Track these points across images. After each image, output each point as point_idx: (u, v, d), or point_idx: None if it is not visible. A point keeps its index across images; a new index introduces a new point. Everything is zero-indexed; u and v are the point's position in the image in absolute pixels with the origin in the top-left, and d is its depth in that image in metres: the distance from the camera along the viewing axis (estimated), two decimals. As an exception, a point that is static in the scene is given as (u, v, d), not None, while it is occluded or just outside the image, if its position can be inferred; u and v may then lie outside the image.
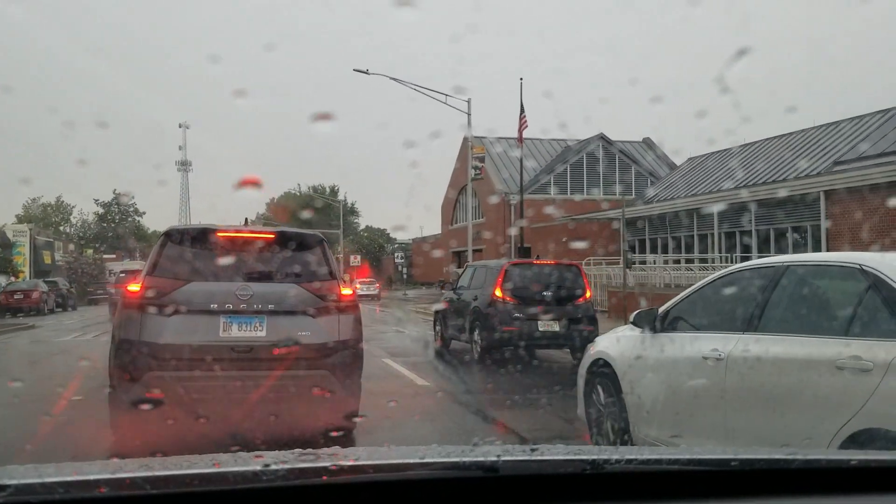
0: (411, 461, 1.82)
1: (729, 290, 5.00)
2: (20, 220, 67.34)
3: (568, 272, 12.93)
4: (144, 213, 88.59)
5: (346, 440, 6.18)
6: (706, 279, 5.37)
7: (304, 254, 6.49)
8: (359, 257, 57.13)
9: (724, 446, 4.25)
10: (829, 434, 3.60)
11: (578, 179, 42.58)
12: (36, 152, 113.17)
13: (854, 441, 3.48)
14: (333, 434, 5.42)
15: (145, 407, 5.67)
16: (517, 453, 1.89)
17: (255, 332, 6.03)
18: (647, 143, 47.23)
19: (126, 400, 5.83)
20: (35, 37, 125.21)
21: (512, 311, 12.12)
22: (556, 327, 12.13)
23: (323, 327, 6.19)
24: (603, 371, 5.77)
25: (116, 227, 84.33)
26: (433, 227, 57.07)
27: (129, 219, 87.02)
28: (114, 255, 66.66)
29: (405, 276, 64.08)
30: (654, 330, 5.32)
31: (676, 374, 4.93)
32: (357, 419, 6.45)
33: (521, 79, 31.42)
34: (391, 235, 70.61)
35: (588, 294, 12.90)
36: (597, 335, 10.25)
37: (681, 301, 5.34)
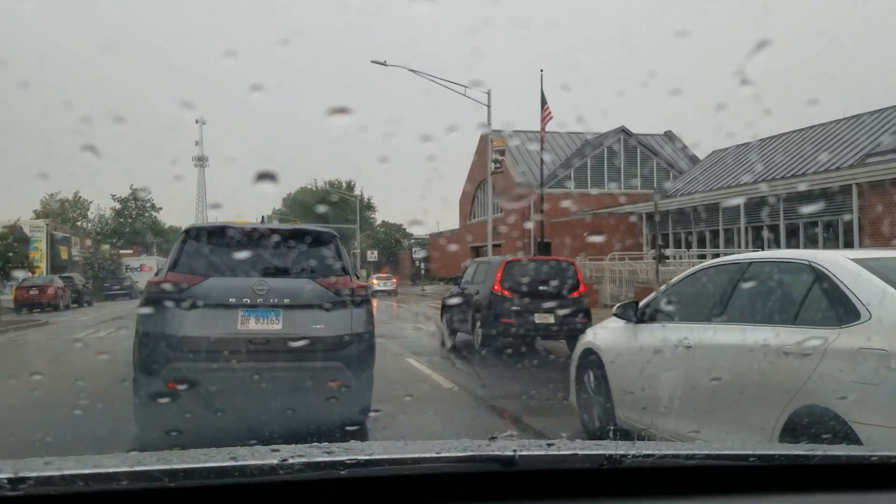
0: (428, 455, 1.80)
1: (699, 285, 5.46)
2: (38, 215, 67.45)
3: (563, 268, 13.66)
4: (161, 208, 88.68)
5: (361, 432, 6.29)
6: (681, 275, 5.82)
7: (319, 250, 6.72)
8: (376, 252, 56.86)
9: (690, 424, 4.80)
10: (776, 412, 4.03)
11: (598, 173, 42.01)
12: (53, 148, 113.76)
13: (796, 419, 3.93)
14: (349, 427, 5.56)
15: (166, 398, 5.84)
16: (534, 447, 1.90)
17: (272, 325, 6.27)
18: (669, 136, 46.56)
19: (148, 390, 6.07)
20: (51, 34, 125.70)
21: (510, 304, 12.82)
22: (551, 319, 12.77)
23: (337, 321, 6.40)
24: (591, 360, 6.27)
25: (133, 222, 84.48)
26: (450, 222, 56.71)
27: (146, 214, 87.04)
28: (130, 251, 66.78)
29: (423, 272, 63.73)
30: (635, 321, 5.79)
31: (653, 361, 5.39)
32: (372, 413, 6.64)
33: (542, 70, 30.77)
34: (407, 231, 70.34)
35: (582, 288, 13.63)
36: (590, 327, 11.26)
37: (659, 294, 5.82)
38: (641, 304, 5.86)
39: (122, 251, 65.43)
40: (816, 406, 3.84)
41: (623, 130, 42.36)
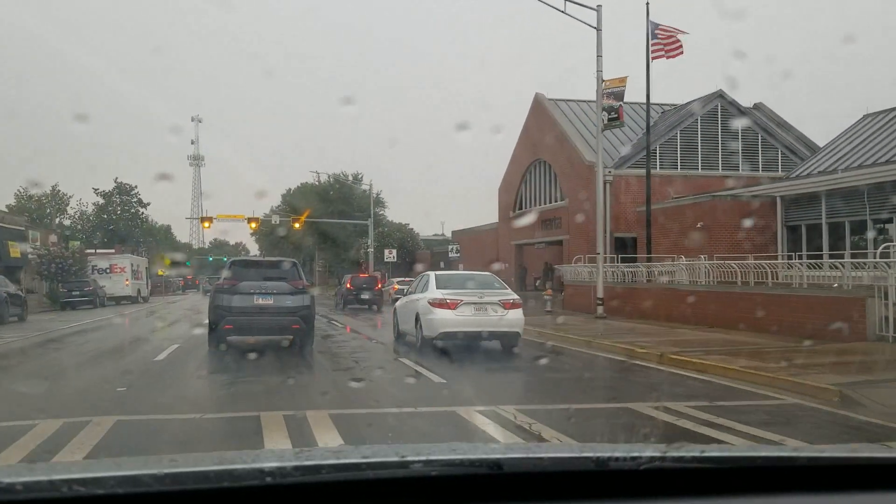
0: (415, 458, 1.79)
1: (417, 280, 17.33)
2: (11, 210, 58.66)
3: (373, 277, 38.72)
4: (149, 203, 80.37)
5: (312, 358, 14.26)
6: (416, 278, 19.39)
7: (288, 268, 16.03)
8: (394, 252, 48.26)
9: (407, 327, 16.85)
10: (413, 318, 15.82)
11: (690, 150, 32.96)
12: (40, 145, 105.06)
13: (417, 320, 15.70)
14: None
15: (224, 331, 15.10)
16: (522, 450, 2.06)
17: (269, 301, 15.00)
18: (758, 108, 37.46)
19: (216, 329, 14.95)
20: (48, 32, 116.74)
21: (350, 293, 34.77)
22: (367, 296, 34.27)
23: (296, 299, 15.20)
24: (395, 310, 18.15)
25: (118, 219, 76.31)
26: (486, 215, 47.58)
27: (132, 210, 78.64)
28: (112, 250, 57.45)
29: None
30: (406, 294, 17.78)
31: (406, 309, 16.89)
32: (311, 349, 15.27)
33: (648, 2, 21.66)
34: (413, 230, 61.67)
35: (378, 286, 35.96)
36: (379, 302, 35.32)
37: (411, 286, 18.17)
38: (406, 289, 19.02)
39: (105, 250, 56.19)
40: (418, 314, 15.36)
41: (721, 96, 33.33)
